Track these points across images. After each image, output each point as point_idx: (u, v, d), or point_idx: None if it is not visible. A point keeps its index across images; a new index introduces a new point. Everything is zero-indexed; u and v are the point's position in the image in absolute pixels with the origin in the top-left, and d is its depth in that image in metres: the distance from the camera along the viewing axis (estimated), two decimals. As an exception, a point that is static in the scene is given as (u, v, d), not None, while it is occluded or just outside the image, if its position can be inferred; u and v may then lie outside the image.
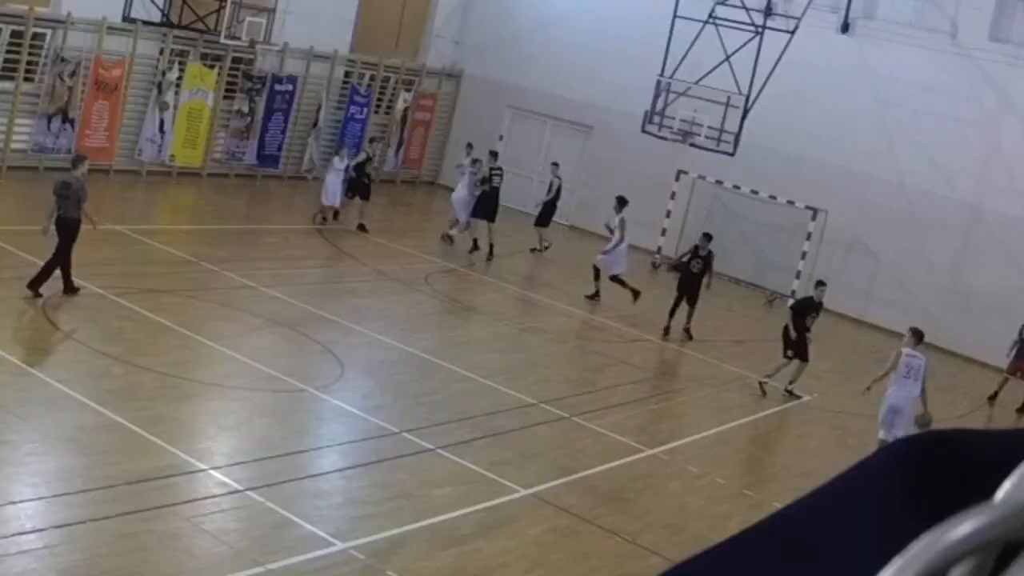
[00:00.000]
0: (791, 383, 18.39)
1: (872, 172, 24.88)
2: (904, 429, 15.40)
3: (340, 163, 23.50)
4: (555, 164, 26.35)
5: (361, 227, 23.36)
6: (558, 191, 25.79)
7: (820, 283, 19.24)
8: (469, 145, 26.01)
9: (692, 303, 20.46)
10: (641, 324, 20.89)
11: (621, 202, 22.15)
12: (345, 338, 16.48)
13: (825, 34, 25.14)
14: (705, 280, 20.57)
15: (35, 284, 15.39)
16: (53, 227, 15.68)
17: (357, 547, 10.39)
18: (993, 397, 20.98)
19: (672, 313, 20.47)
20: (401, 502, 11.56)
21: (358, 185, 23.70)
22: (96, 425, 11.79)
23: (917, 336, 16.01)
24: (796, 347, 18.36)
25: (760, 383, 18.23)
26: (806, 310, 18.61)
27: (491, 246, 23.47)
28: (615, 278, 21.58)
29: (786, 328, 18.52)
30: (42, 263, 15.50)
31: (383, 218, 25.08)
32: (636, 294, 21.34)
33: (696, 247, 20.85)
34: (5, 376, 12.49)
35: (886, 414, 15.48)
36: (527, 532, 11.53)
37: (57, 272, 15.48)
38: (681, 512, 12.94)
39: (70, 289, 15.72)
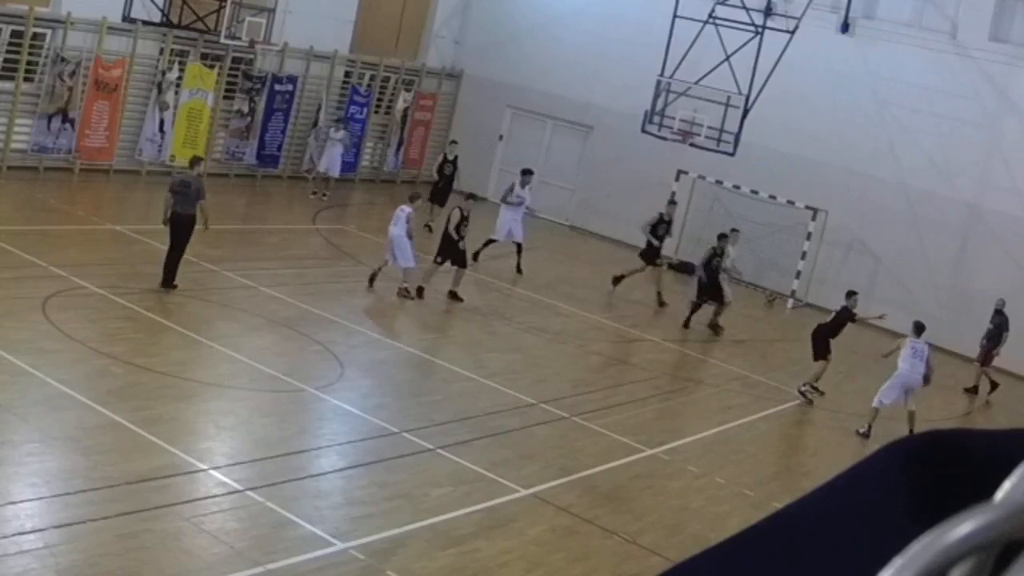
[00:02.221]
0: (806, 384, 18.64)
1: (872, 172, 24.88)
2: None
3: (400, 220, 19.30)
4: (453, 142, 26.76)
5: (714, 327, 21.22)
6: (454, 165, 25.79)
7: (852, 293, 19.48)
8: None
9: (719, 300, 21.24)
10: (641, 324, 20.91)
11: (526, 173, 23.87)
12: (345, 338, 16.48)
13: (825, 34, 25.14)
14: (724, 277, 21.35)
15: (167, 282, 16.77)
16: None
17: (357, 547, 10.39)
18: (973, 390, 21.37)
19: (694, 310, 21.24)
20: (401, 502, 11.56)
21: (708, 287, 21.27)
22: (96, 425, 11.78)
23: (919, 328, 17.46)
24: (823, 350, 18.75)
25: (810, 390, 18.59)
26: (845, 322, 18.87)
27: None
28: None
29: (816, 333, 18.85)
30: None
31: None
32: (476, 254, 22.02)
33: (713, 248, 21.59)
34: (5, 376, 12.48)
35: (897, 391, 16.95)
36: (527, 532, 11.53)
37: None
38: (681, 512, 12.94)
39: (169, 283, 16.80)
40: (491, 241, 22.93)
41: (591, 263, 25.18)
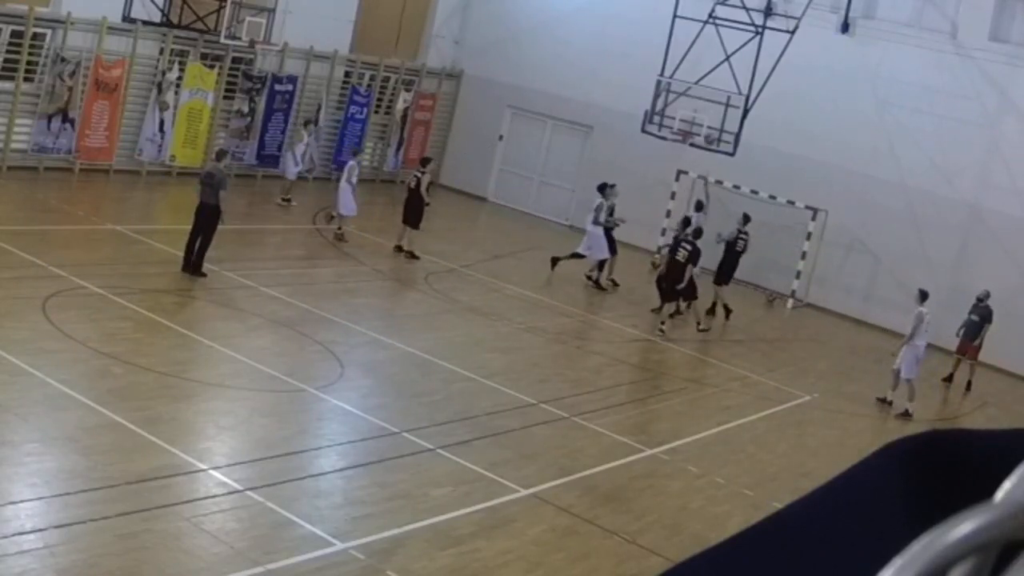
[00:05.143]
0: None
1: (872, 172, 24.88)
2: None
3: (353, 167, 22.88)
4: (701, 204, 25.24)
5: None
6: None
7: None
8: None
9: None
10: (641, 324, 20.90)
11: (602, 188, 23.42)
12: (345, 338, 16.48)
13: (825, 34, 25.14)
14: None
15: (187, 266, 17.59)
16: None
17: (357, 547, 10.39)
18: (948, 379, 21.53)
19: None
20: (401, 502, 11.56)
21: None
22: (96, 425, 11.78)
23: (923, 295, 18.72)
24: None
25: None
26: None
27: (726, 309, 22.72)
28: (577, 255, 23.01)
29: None
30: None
31: (383, 218, 25.07)
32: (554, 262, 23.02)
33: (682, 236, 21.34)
34: (5, 376, 12.48)
35: (915, 366, 18.14)
36: (527, 532, 11.53)
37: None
38: (681, 512, 12.94)
39: (192, 269, 17.58)
40: (578, 255, 23.01)
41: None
